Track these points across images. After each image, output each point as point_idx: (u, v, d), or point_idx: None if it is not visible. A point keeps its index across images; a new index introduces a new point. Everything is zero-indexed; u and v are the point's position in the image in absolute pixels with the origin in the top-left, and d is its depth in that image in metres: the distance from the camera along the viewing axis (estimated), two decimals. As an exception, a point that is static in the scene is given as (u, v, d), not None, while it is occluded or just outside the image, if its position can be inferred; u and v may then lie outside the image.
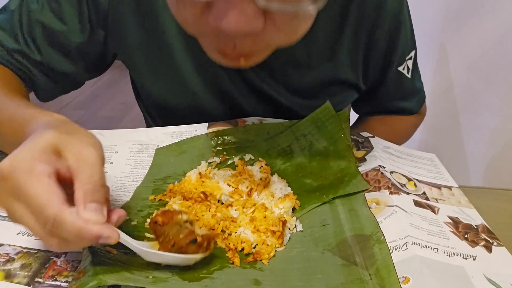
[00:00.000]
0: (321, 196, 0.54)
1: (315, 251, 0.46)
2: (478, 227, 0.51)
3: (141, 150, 0.62)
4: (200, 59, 0.64)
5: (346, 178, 0.56)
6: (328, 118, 0.62)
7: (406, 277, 0.42)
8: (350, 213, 0.51)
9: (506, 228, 0.53)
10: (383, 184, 0.55)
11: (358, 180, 0.55)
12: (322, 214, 0.51)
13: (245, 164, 0.59)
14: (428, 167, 0.64)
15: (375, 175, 0.57)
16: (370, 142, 0.65)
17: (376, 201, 0.53)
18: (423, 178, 0.60)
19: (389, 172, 0.58)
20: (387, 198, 0.53)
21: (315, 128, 0.62)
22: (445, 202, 0.55)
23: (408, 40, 0.71)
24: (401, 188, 0.55)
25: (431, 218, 0.51)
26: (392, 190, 0.54)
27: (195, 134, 0.64)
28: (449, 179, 0.61)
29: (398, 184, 0.56)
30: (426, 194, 0.56)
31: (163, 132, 0.65)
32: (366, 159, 0.61)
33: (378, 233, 0.47)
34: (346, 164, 0.58)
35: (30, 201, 0.35)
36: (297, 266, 0.44)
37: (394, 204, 0.51)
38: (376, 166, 0.59)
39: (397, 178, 0.58)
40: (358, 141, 0.65)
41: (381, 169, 0.58)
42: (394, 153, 0.64)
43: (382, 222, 0.49)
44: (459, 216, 0.53)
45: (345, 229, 0.48)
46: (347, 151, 0.60)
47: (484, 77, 0.90)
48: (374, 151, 0.62)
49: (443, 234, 0.49)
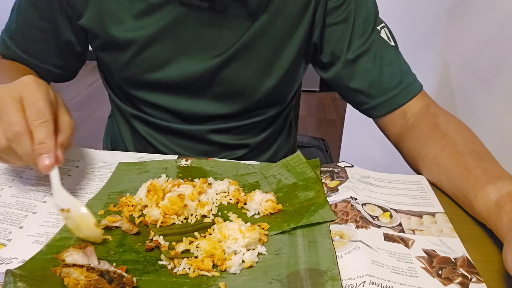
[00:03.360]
0: (282, 224, 0.50)
1: (263, 281, 0.43)
2: (457, 261, 0.46)
3: (103, 167, 0.62)
4: None
5: (313, 208, 0.52)
6: (299, 164, 0.61)
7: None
8: (310, 245, 0.47)
9: None
10: (351, 216, 0.51)
11: (325, 211, 0.52)
12: (279, 242, 0.48)
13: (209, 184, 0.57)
14: (413, 192, 0.59)
15: (344, 207, 0.53)
16: (346, 172, 0.61)
17: (340, 234, 0.48)
18: (402, 207, 0.55)
19: (360, 204, 0.54)
20: (352, 232, 0.49)
21: (285, 170, 0.61)
22: (423, 233, 0.50)
23: (370, 9, 0.70)
24: (371, 221, 0.51)
25: (401, 254, 0.46)
26: (359, 224, 0.50)
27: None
28: (435, 204, 0.56)
29: (369, 216, 0.52)
30: (402, 226, 0.51)
31: (130, 156, 0.65)
32: (339, 190, 0.57)
33: (334, 270, 0.43)
34: (315, 194, 0.55)
35: (38, 102, 0.48)
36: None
37: (358, 239, 0.47)
38: (347, 197, 0.54)
39: (369, 210, 0.53)
40: (333, 172, 0.61)
41: (351, 201, 0.54)
42: (374, 183, 0.60)
43: (342, 257, 0.45)
44: (437, 248, 0.47)
45: (300, 261, 0.45)
46: (317, 183, 0.57)
47: (476, 77, 0.85)
48: (348, 182, 0.58)
49: (412, 272, 0.44)
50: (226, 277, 0.43)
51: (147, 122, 0.77)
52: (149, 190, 0.52)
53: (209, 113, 0.74)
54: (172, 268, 0.44)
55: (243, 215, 0.53)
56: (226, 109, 0.74)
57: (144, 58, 0.68)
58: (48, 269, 0.41)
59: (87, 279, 0.38)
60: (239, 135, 0.79)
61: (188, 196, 0.52)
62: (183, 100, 0.73)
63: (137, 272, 0.43)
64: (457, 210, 0.55)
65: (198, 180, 0.58)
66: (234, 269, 0.44)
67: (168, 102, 0.73)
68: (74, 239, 0.47)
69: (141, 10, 0.65)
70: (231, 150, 0.80)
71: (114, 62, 0.71)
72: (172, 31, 0.66)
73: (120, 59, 0.69)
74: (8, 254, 0.45)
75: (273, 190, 0.57)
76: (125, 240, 0.47)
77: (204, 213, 0.52)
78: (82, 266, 0.39)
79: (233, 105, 0.74)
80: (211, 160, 0.63)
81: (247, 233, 0.46)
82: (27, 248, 0.46)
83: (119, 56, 0.69)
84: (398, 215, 0.53)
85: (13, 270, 0.40)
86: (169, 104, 0.73)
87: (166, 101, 0.73)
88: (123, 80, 0.73)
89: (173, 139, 0.78)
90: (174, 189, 0.54)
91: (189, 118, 0.75)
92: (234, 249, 0.45)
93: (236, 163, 0.63)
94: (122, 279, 0.39)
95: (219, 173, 0.61)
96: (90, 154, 0.65)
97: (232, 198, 0.55)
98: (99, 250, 0.45)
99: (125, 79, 0.72)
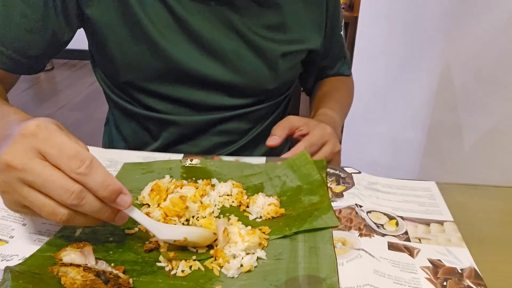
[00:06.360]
0: (284, 228, 0.50)
1: (261, 286, 0.42)
2: (463, 272, 0.44)
3: (109, 166, 0.62)
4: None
5: (316, 213, 0.51)
6: (305, 164, 0.60)
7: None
8: (310, 251, 0.46)
9: (496, 224, 0.53)
10: (354, 224, 0.50)
11: (328, 216, 0.51)
12: (280, 247, 0.47)
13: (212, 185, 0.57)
14: (422, 199, 0.57)
15: (349, 214, 0.52)
16: (352, 178, 0.59)
17: (343, 241, 0.47)
18: (410, 214, 0.53)
19: (365, 211, 0.52)
20: (355, 240, 0.47)
21: (290, 171, 0.60)
22: (430, 242, 0.48)
23: (339, 7, 0.85)
24: (375, 229, 0.50)
25: (405, 263, 0.45)
26: (363, 232, 0.49)
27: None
28: (444, 212, 0.54)
29: (374, 224, 0.50)
30: (408, 234, 0.50)
31: (136, 155, 0.65)
32: (344, 195, 0.56)
33: (333, 278, 0.42)
34: (319, 199, 0.54)
35: (64, 148, 0.38)
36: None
37: (361, 247, 0.46)
38: (352, 204, 0.53)
39: (374, 218, 0.52)
40: (340, 176, 0.60)
41: (356, 208, 0.52)
42: (382, 189, 0.58)
43: (343, 265, 0.44)
44: (443, 258, 0.46)
45: (300, 267, 0.44)
46: (322, 188, 0.56)
47: (477, 77, 0.85)
48: (354, 188, 0.57)
49: (415, 283, 0.42)
50: (223, 281, 0.43)
51: (153, 118, 0.77)
52: (152, 189, 0.53)
53: (224, 103, 0.76)
54: (169, 270, 0.44)
55: (244, 218, 0.52)
56: (240, 101, 0.76)
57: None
58: (47, 267, 0.41)
59: (83, 279, 0.38)
60: (247, 123, 0.81)
61: (190, 198, 0.52)
62: (197, 91, 0.73)
63: (135, 273, 0.43)
64: (466, 218, 0.54)
65: (201, 181, 0.58)
66: (232, 273, 0.43)
67: (181, 93, 0.73)
68: (75, 238, 0.47)
69: None
70: (235, 138, 0.81)
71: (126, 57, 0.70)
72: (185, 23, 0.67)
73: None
74: (10, 251, 0.45)
75: (277, 194, 0.56)
76: (125, 240, 0.48)
77: (205, 215, 0.51)
78: (79, 266, 0.39)
79: (247, 95, 0.77)
80: (217, 160, 0.63)
81: (246, 237, 0.46)
82: (28, 245, 0.46)
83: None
84: (405, 222, 0.52)
85: (12, 268, 0.40)
86: (183, 96, 0.73)
87: (179, 92, 0.73)
88: (136, 75, 0.71)
89: (177, 132, 0.78)
90: (177, 191, 0.53)
91: (199, 108, 0.76)
92: (233, 252, 0.45)
93: (241, 163, 0.63)
94: (118, 279, 0.39)
95: (224, 173, 0.61)
96: (97, 153, 0.65)
97: (234, 201, 0.54)
98: (99, 250, 0.46)
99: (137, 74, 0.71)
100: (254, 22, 0.71)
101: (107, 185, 0.39)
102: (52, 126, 0.40)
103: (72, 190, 0.38)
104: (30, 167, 0.38)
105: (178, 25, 0.67)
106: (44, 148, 0.38)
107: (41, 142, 0.38)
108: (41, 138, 0.38)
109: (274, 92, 0.80)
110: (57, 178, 0.38)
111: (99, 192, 0.39)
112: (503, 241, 0.49)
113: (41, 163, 0.38)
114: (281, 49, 0.74)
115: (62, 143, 0.38)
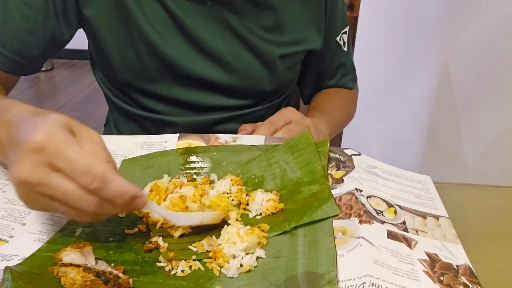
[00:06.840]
0: (283, 223, 0.49)
1: (260, 286, 0.41)
2: (459, 268, 0.44)
3: None
4: None
5: (316, 203, 0.50)
6: (306, 146, 0.58)
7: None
8: (310, 246, 0.45)
9: (491, 223, 0.54)
10: (355, 210, 0.49)
11: (328, 205, 0.50)
12: (279, 244, 0.46)
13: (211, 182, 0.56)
14: (418, 191, 0.57)
15: (349, 200, 0.51)
16: (352, 161, 0.59)
17: (343, 230, 0.47)
18: (407, 205, 0.53)
19: (365, 196, 0.52)
20: (355, 228, 0.47)
21: (290, 156, 0.58)
22: (426, 235, 0.49)
23: (341, 14, 0.81)
24: (375, 216, 0.49)
25: (403, 254, 0.45)
26: (363, 219, 0.48)
27: (165, 146, 0.62)
28: (439, 207, 0.54)
29: (374, 211, 0.50)
30: (406, 224, 0.50)
31: (133, 141, 0.63)
32: (344, 180, 0.55)
33: (332, 272, 0.41)
34: (319, 188, 0.53)
35: (75, 164, 0.37)
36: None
37: (361, 235, 0.46)
38: (352, 189, 0.53)
39: (374, 204, 0.51)
40: (340, 160, 0.59)
41: (356, 193, 0.52)
42: (380, 174, 0.58)
43: (343, 256, 0.43)
44: (439, 253, 0.46)
45: (299, 264, 0.43)
46: (322, 177, 0.54)
47: (476, 76, 0.87)
48: (354, 171, 0.56)
49: (413, 274, 0.42)
50: (223, 281, 0.42)
51: (151, 119, 0.76)
52: (152, 190, 0.51)
53: (221, 104, 0.75)
54: (169, 270, 0.43)
55: (244, 216, 0.52)
56: (237, 102, 0.76)
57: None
58: (46, 267, 0.40)
59: (83, 279, 0.38)
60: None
61: (189, 198, 0.51)
62: (195, 92, 0.73)
63: (135, 273, 0.42)
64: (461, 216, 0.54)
65: (199, 179, 0.57)
66: (232, 273, 0.43)
67: (179, 94, 0.72)
68: (75, 238, 0.46)
69: None
70: None
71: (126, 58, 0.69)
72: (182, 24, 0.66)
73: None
74: (10, 251, 0.44)
75: (277, 187, 0.55)
76: (125, 240, 0.47)
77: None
78: (79, 266, 0.39)
79: (245, 96, 0.76)
80: (212, 147, 0.61)
81: (245, 237, 0.45)
82: (28, 245, 0.45)
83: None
84: (403, 212, 0.52)
85: (12, 267, 0.39)
86: (181, 96, 0.73)
87: (177, 93, 0.72)
88: (134, 76, 0.71)
89: (175, 132, 0.78)
90: (176, 191, 0.52)
91: (197, 109, 0.75)
92: (232, 253, 0.44)
93: (238, 146, 0.61)
94: (118, 280, 0.39)
95: (222, 161, 0.59)
96: None
97: (234, 199, 0.53)
98: (99, 250, 0.45)
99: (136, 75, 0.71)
100: (251, 23, 0.70)
101: (121, 196, 0.39)
102: (60, 136, 0.38)
103: (89, 202, 0.39)
104: (47, 181, 0.38)
105: (175, 25, 0.66)
106: (55, 162, 0.38)
107: (51, 157, 0.37)
108: (50, 153, 0.37)
109: (272, 93, 0.79)
110: (75, 191, 0.38)
111: (116, 203, 0.40)
112: (498, 240, 0.50)
113: (57, 177, 0.38)
114: (279, 51, 0.73)
115: (72, 158, 0.37)
